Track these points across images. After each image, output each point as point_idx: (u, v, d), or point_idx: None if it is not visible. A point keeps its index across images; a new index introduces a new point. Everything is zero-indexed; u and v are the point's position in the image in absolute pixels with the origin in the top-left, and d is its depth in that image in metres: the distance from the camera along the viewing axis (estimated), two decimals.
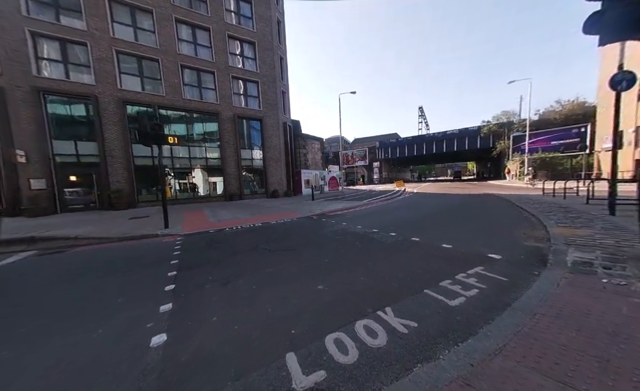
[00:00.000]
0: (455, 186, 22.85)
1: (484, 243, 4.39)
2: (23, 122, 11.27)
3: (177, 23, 14.48)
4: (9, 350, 1.96)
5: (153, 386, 1.56)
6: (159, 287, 3.07)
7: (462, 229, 5.59)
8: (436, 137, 39.80)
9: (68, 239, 5.97)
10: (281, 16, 19.58)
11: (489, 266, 3.25)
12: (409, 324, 2.05)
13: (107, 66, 12.76)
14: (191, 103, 15.09)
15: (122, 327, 2.25)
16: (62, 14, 12.04)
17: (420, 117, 73.25)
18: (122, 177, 13.26)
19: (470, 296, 2.48)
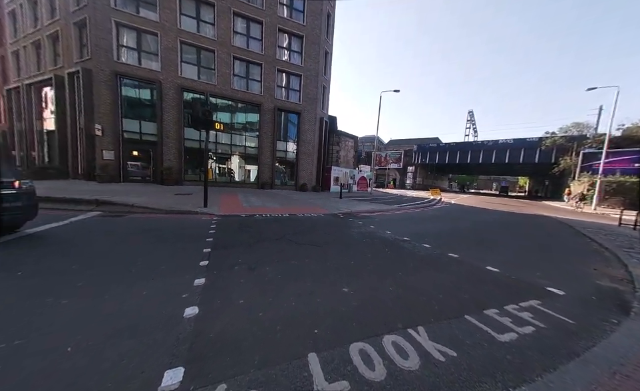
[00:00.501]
0: (501, 201, 20.39)
1: (541, 272, 3.76)
2: (103, 100, 13.18)
3: (234, 16, 15.37)
4: (68, 299, 2.25)
5: (184, 355, 1.63)
6: (194, 261, 3.27)
7: (511, 252, 4.91)
8: (484, 146, 35.99)
9: (126, 205, 6.81)
10: (332, 9, 19.45)
11: (548, 302, 2.76)
12: (446, 352, 1.81)
13: (171, 55, 14.16)
14: (238, 93, 15.97)
15: (162, 293, 2.42)
16: (141, 6, 13.65)
17: (468, 122, 67.18)
18: (173, 157, 14.72)
19: (523, 334, 2.10)
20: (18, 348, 1.61)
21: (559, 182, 30.34)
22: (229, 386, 1.41)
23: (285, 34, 17.11)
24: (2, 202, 3.52)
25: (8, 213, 3.61)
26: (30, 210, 4.03)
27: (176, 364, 1.56)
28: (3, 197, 3.55)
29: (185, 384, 1.42)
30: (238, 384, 1.44)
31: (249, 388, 1.41)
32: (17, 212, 3.78)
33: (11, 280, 2.49)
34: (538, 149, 30.64)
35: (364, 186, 23.00)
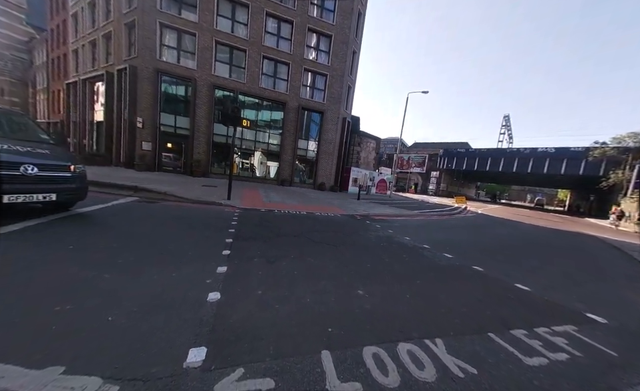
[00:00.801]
0: (536, 215, 18.69)
1: (580, 296, 3.42)
2: (145, 95, 14.36)
3: (266, 16, 15.85)
4: (110, 274, 2.50)
5: (205, 336, 1.74)
6: (218, 250, 3.46)
7: (545, 271, 4.51)
8: (520, 154, 33.25)
9: (160, 193, 7.37)
10: (363, 7, 19.22)
11: (586, 329, 2.50)
12: (466, 368, 1.72)
13: (207, 54, 14.99)
14: (265, 91, 16.46)
15: (189, 277, 2.60)
16: (183, 8, 14.63)
17: (503, 127, 62.63)
18: (202, 150, 15.60)
19: (555, 360, 1.94)
20: (68, 312, 1.84)
21: (606, 198, 27.19)
22: (246, 371, 1.49)
23: (314, 33, 17.26)
24: (60, 183, 4.01)
25: (65, 194, 4.10)
26: (82, 192, 4.52)
27: (200, 343, 1.67)
28: (61, 179, 4.04)
29: (208, 362, 1.52)
30: (254, 370, 1.50)
31: (265, 375, 1.47)
32: (71, 193, 4.27)
33: (64, 252, 2.83)
34: (584, 160, 27.68)
35: (384, 189, 22.47)
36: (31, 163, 3.62)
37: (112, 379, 1.34)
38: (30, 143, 4.09)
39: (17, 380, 1.26)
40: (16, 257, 2.56)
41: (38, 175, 3.67)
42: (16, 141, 3.92)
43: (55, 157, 4.13)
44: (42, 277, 2.25)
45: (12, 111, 4.90)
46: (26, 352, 1.43)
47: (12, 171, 3.45)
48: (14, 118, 4.61)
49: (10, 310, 1.77)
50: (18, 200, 3.47)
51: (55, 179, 3.95)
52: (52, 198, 3.85)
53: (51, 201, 3.87)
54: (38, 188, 3.69)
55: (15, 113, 4.86)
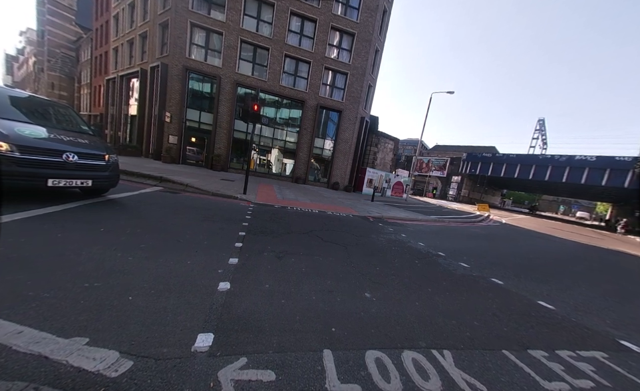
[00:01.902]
0: (568, 229, 17.15)
1: (615, 321, 3.11)
2: (174, 91, 15.20)
3: (291, 15, 16.05)
4: (133, 257, 2.69)
5: (214, 323, 1.82)
6: (231, 242, 3.59)
7: (575, 290, 4.14)
8: (555, 161, 30.62)
9: (182, 184, 7.79)
10: (389, 4, 18.77)
11: (619, 358, 2.27)
12: (474, 384, 1.64)
13: (232, 53, 15.53)
14: (285, 89, 16.70)
15: (202, 265, 2.73)
16: (212, 8, 15.26)
17: (536, 132, 58.29)
18: (223, 145, 16.21)
19: (578, 387, 1.78)
20: (95, 289, 2.01)
21: None
22: (249, 360, 1.54)
23: (337, 32, 17.18)
24: (96, 170, 4.38)
25: (99, 181, 4.48)
26: (114, 179, 4.91)
27: (208, 329, 1.75)
28: (97, 167, 4.41)
29: (214, 349, 1.59)
30: (257, 360, 1.55)
31: (266, 367, 1.51)
32: (105, 180, 4.65)
33: (96, 234, 3.10)
34: (631, 172, 24.90)
35: (400, 192, 21.89)
36: (72, 152, 3.99)
37: (128, 354, 1.45)
38: (73, 133, 4.50)
39: (49, 345, 1.41)
40: (55, 236, 2.85)
41: (78, 162, 4.03)
42: (61, 130, 4.34)
43: (92, 146, 4.51)
44: (76, 255, 2.48)
45: (58, 103, 5.41)
46: (58, 322, 1.59)
47: (56, 158, 3.83)
48: (60, 109, 5.08)
49: (48, 283, 1.97)
50: (60, 184, 3.85)
51: (92, 167, 4.31)
52: (89, 184, 4.23)
53: (87, 186, 4.25)
54: (77, 174, 4.05)
55: (61, 105, 5.37)
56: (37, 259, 2.31)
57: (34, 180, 3.63)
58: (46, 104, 4.93)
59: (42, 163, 3.68)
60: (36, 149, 3.66)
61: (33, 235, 2.76)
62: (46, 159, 3.73)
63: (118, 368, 1.34)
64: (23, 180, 3.52)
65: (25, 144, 3.55)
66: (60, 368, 1.29)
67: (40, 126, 4.06)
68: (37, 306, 1.70)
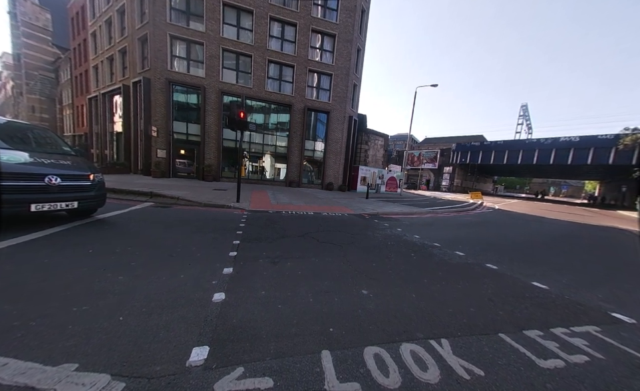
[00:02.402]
0: (559, 209, 17.60)
1: (606, 295, 3.19)
2: (158, 105, 14.99)
3: (270, 21, 16.09)
4: (123, 276, 2.63)
5: (209, 336, 1.79)
6: (225, 251, 3.55)
7: (567, 269, 4.24)
8: (541, 144, 31.53)
9: (173, 198, 7.67)
10: (367, 5, 19.03)
11: (611, 330, 2.33)
12: (472, 370, 1.66)
13: (214, 62, 15.43)
14: (271, 95, 16.69)
15: (196, 278, 2.68)
16: (191, 19, 15.16)
17: (520, 117, 59.79)
18: (213, 155, 16.05)
19: (572, 363, 1.82)
20: (84, 312, 1.95)
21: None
22: (246, 370, 1.51)
23: (318, 34, 17.30)
24: (81, 191, 4.28)
25: (85, 201, 4.37)
26: (101, 199, 4.80)
27: (203, 342, 1.72)
28: (81, 188, 4.30)
29: (209, 361, 1.56)
30: (254, 369, 1.53)
31: (264, 374, 1.49)
32: (92, 200, 4.54)
33: (84, 256, 3.02)
34: (613, 149, 25.80)
35: (394, 187, 22.07)
36: (54, 174, 3.88)
37: (120, 376, 1.41)
38: (54, 155, 4.39)
39: (35, 375, 1.36)
40: (42, 262, 2.76)
41: (61, 184, 3.93)
42: (42, 154, 4.23)
43: (76, 167, 4.41)
44: (63, 280, 2.41)
45: (37, 126, 5.27)
46: (45, 351, 1.54)
47: (38, 182, 3.72)
48: (40, 132, 4.96)
49: (34, 311, 1.91)
50: (44, 208, 3.73)
51: (76, 188, 4.21)
52: (74, 206, 4.12)
53: (73, 208, 4.13)
54: (62, 197, 3.95)
55: (40, 128, 5.23)
56: (23, 287, 2.23)
57: (16, 207, 3.51)
58: (24, 128, 4.79)
59: (23, 189, 3.58)
60: (16, 175, 3.55)
61: (18, 263, 2.67)
62: (28, 184, 3.63)
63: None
64: (4, 208, 3.41)
65: (4, 170, 3.44)
66: None
67: (19, 151, 3.95)
68: (23, 336, 1.64)
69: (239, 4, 15.38)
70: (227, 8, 15.43)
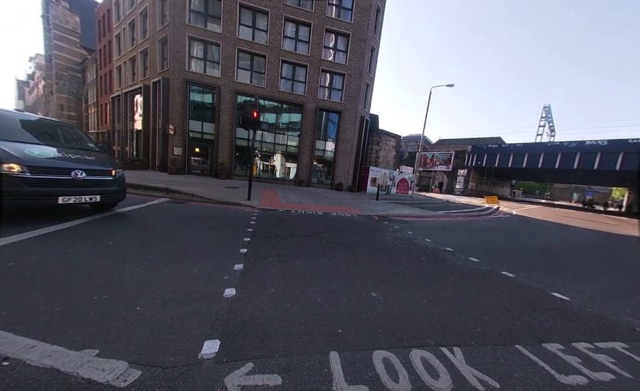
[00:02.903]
0: (583, 217, 16.60)
1: (633, 309, 2.98)
2: (175, 104, 15.53)
3: (285, 21, 16.25)
4: (140, 268, 2.75)
5: (219, 330, 1.83)
6: (236, 248, 3.62)
7: (591, 280, 4.00)
8: (564, 148, 29.88)
9: (187, 194, 7.91)
10: (382, 3, 18.81)
11: (639, 348, 2.17)
12: (487, 381, 1.60)
13: (230, 63, 15.79)
14: (284, 94, 16.86)
15: (208, 273, 2.76)
16: (209, 21, 15.58)
17: (542, 119, 57.02)
18: (226, 154, 16.43)
19: (596, 380, 1.71)
20: (104, 301, 2.05)
21: None
22: (255, 366, 1.54)
23: (332, 34, 17.28)
24: (103, 186, 4.50)
25: (107, 196, 4.59)
26: (122, 194, 5.03)
27: (214, 336, 1.76)
28: (104, 182, 4.53)
29: (220, 355, 1.59)
30: (263, 365, 1.55)
31: (273, 371, 1.51)
32: (113, 195, 4.76)
33: (104, 248, 3.17)
34: None
35: (405, 189, 21.67)
36: (80, 169, 4.10)
37: (136, 364, 1.47)
38: (80, 151, 4.64)
39: (60, 358, 1.44)
40: (66, 252, 2.93)
41: (86, 179, 4.15)
42: (69, 149, 4.48)
43: (99, 162, 4.64)
44: (85, 269, 2.54)
45: (66, 123, 5.60)
46: (69, 335, 1.63)
47: (65, 176, 3.95)
48: (68, 129, 5.26)
49: (59, 298, 2.03)
50: (70, 201, 3.96)
51: (99, 183, 4.43)
52: (97, 200, 4.34)
53: (96, 202, 4.36)
54: (86, 191, 4.17)
55: (68, 125, 5.55)
56: (48, 275, 2.38)
57: (45, 199, 3.74)
58: (54, 125, 5.10)
59: (52, 182, 3.81)
60: (45, 169, 3.77)
61: (45, 252, 2.85)
62: (56, 178, 3.86)
63: (126, 378, 1.36)
64: (35, 199, 3.64)
65: (35, 164, 3.67)
66: (71, 379, 1.32)
67: (49, 146, 4.20)
68: (49, 321, 1.74)
69: (255, 6, 15.64)
70: (244, 9, 15.74)
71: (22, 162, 3.55)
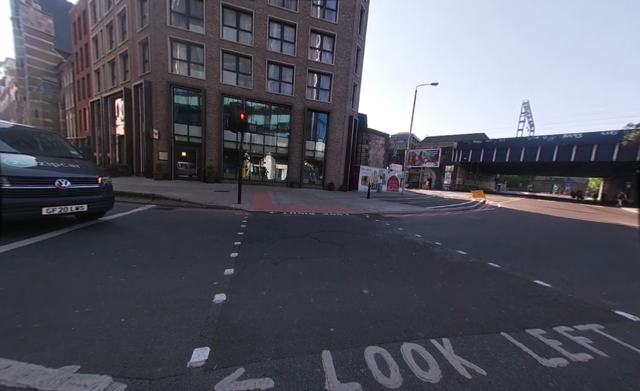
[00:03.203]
0: (563, 207, 17.45)
1: (610, 293, 3.16)
2: (159, 108, 15.08)
3: (270, 22, 16.13)
4: (125, 277, 2.65)
5: (210, 337, 1.79)
6: (226, 252, 3.56)
7: (571, 267, 4.21)
8: (543, 142, 31.33)
9: (175, 200, 7.70)
10: (366, 4, 19.03)
11: (615, 328, 2.31)
12: (474, 369, 1.65)
13: (214, 64, 15.50)
14: (271, 96, 16.73)
15: (197, 279, 2.69)
16: (191, 22, 15.24)
17: (522, 115, 59.41)
18: (214, 157, 16.12)
19: (575, 361, 1.80)
20: (86, 314, 1.97)
21: None
22: (246, 370, 1.52)
23: (318, 35, 17.32)
24: (90, 194, 4.31)
25: (95, 204, 4.40)
26: (110, 202, 4.82)
27: (204, 343, 1.72)
28: (91, 191, 4.33)
29: (210, 362, 1.56)
30: (255, 369, 1.53)
31: (265, 375, 1.50)
32: (101, 203, 4.55)
33: (86, 259, 3.04)
34: (617, 146, 25.57)
35: (395, 186, 22.02)
36: (64, 177, 3.90)
37: (121, 377, 1.41)
38: (62, 159, 4.40)
39: (38, 377, 1.37)
40: (44, 265, 2.78)
41: (71, 188, 3.95)
42: (50, 158, 4.23)
43: (84, 170, 4.42)
44: (65, 282, 2.43)
45: (45, 131, 5.29)
46: (47, 353, 1.55)
47: (49, 185, 3.73)
48: (47, 136, 4.96)
49: (37, 313, 1.92)
50: (55, 211, 3.75)
51: (86, 191, 4.23)
52: (84, 209, 4.15)
53: (83, 211, 4.16)
54: (72, 200, 3.97)
55: (47, 132, 5.24)
56: (25, 290, 2.25)
57: (28, 210, 3.53)
58: (31, 132, 4.82)
59: (34, 192, 3.60)
60: (27, 179, 3.57)
61: (21, 266, 2.69)
62: (39, 188, 3.65)
63: None
64: (17, 211, 3.43)
65: (15, 175, 3.46)
66: None
67: (27, 155, 3.96)
68: (25, 338, 1.65)
69: (238, 6, 15.44)
70: (227, 10, 15.50)
71: (1, 173, 3.35)
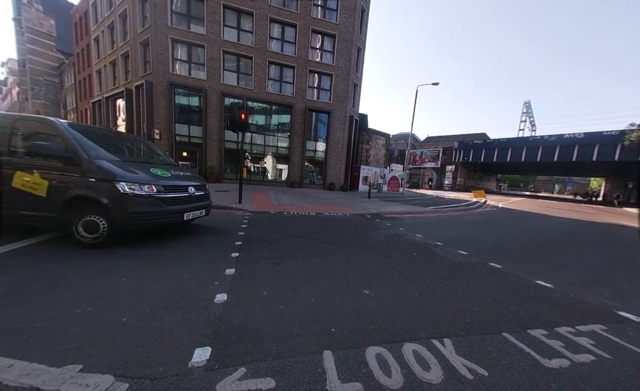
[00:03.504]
0: (564, 207, 17.38)
1: (612, 293, 3.15)
2: (160, 108, 15.12)
3: (270, 22, 16.15)
4: (127, 277, 2.66)
5: (211, 337, 1.80)
6: (227, 252, 3.56)
7: (571, 266, 4.19)
8: (545, 141, 31.19)
9: None
10: (366, 4, 19.01)
11: (617, 329, 2.30)
12: (475, 369, 1.64)
13: (215, 64, 15.53)
14: (272, 96, 16.75)
15: (198, 279, 2.70)
16: (192, 22, 15.27)
17: (524, 114, 59.26)
18: (215, 157, 16.14)
19: (577, 362, 1.79)
20: (89, 314, 1.97)
21: None
22: (247, 370, 1.52)
23: (318, 35, 17.32)
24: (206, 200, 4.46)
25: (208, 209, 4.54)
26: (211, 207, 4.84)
27: (205, 343, 1.73)
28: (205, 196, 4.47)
29: (211, 362, 1.56)
30: (256, 369, 1.53)
31: (266, 375, 1.50)
32: (210, 208, 4.66)
33: (88, 259, 3.05)
34: (619, 146, 25.46)
35: (396, 186, 21.99)
36: (192, 185, 4.04)
37: (123, 377, 1.42)
38: (174, 167, 4.46)
39: (40, 377, 1.38)
40: (43, 267, 2.79)
41: (197, 194, 4.10)
42: (168, 166, 4.26)
43: (197, 178, 4.56)
44: (68, 283, 2.44)
45: (137, 138, 5.22)
46: (50, 352, 1.56)
47: (185, 193, 3.86)
48: (140, 144, 4.85)
49: (39, 314, 1.93)
50: (189, 217, 3.88)
51: (204, 197, 4.40)
52: (203, 214, 4.33)
53: (201, 216, 4.32)
54: (198, 206, 4.12)
55: (139, 139, 5.14)
56: (27, 289, 2.26)
57: (176, 216, 3.68)
58: (133, 139, 4.92)
59: (180, 200, 3.76)
60: (172, 187, 3.70)
61: (22, 267, 2.71)
62: (180, 195, 3.79)
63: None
64: (169, 217, 3.58)
65: (166, 184, 3.60)
66: None
67: (155, 165, 4.01)
68: (27, 338, 1.66)
69: (239, 7, 15.46)
70: (228, 10, 15.52)
71: (156, 182, 3.49)
